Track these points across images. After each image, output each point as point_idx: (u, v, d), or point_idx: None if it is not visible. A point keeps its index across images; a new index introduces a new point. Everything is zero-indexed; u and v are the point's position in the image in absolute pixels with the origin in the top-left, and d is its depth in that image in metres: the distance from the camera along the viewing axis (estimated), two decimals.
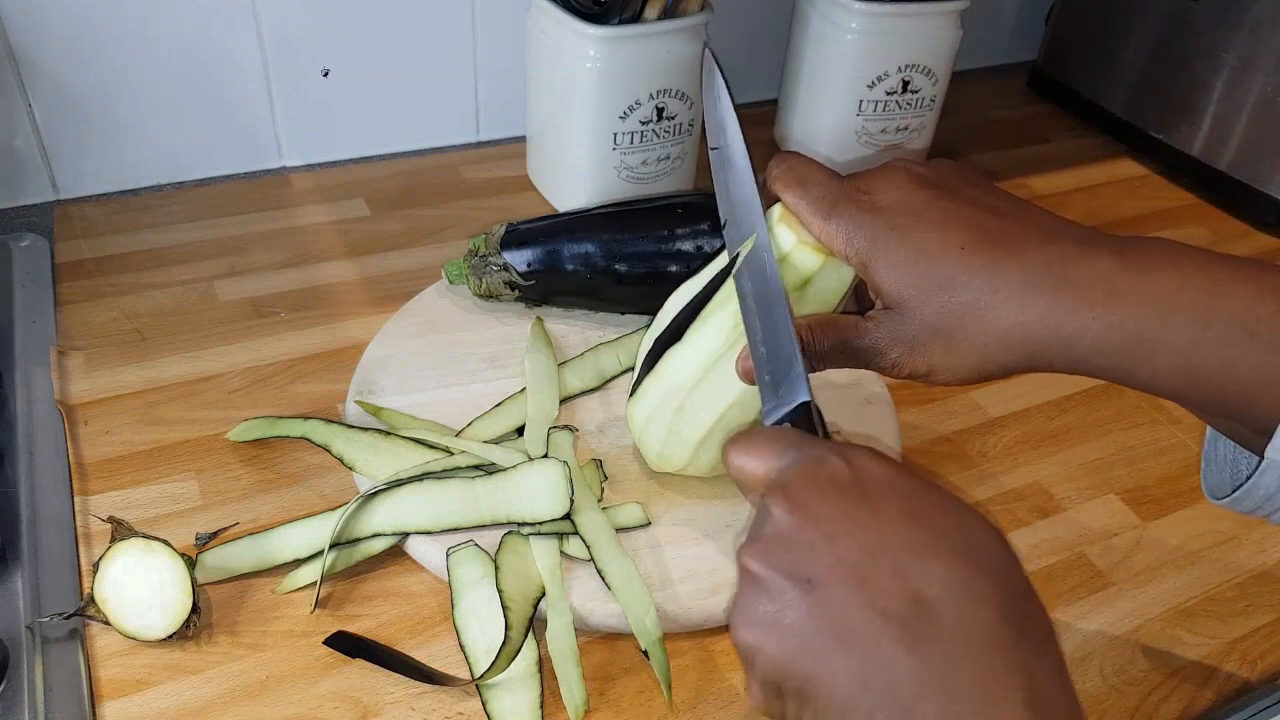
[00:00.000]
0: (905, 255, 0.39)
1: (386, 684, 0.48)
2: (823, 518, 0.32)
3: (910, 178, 0.41)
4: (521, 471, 0.54)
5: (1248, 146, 0.89)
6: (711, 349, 0.48)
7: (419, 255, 0.76)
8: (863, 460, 0.34)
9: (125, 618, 0.47)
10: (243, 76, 0.80)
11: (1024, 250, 0.38)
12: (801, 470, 0.34)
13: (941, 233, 0.39)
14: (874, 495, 0.33)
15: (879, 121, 0.86)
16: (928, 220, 0.40)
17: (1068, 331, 0.37)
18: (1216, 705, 0.50)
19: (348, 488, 0.57)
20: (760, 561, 0.33)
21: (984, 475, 0.62)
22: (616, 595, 0.50)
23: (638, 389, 0.53)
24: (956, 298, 0.38)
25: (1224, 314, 0.35)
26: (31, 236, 0.75)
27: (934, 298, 0.39)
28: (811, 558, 0.32)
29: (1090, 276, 0.37)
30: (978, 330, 0.38)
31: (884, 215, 0.40)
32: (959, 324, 0.38)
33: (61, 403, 0.61)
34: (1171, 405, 0.68)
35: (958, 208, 0.40)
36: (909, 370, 0.41)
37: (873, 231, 0.40)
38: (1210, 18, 0.89)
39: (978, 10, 0.91)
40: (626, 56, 0.72)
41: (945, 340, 0.39)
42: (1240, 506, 0.40)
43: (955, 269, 0.38)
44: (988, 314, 0.38)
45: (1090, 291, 0.37)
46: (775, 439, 0.37)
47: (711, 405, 0.49)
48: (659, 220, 0.66)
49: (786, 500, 0.33)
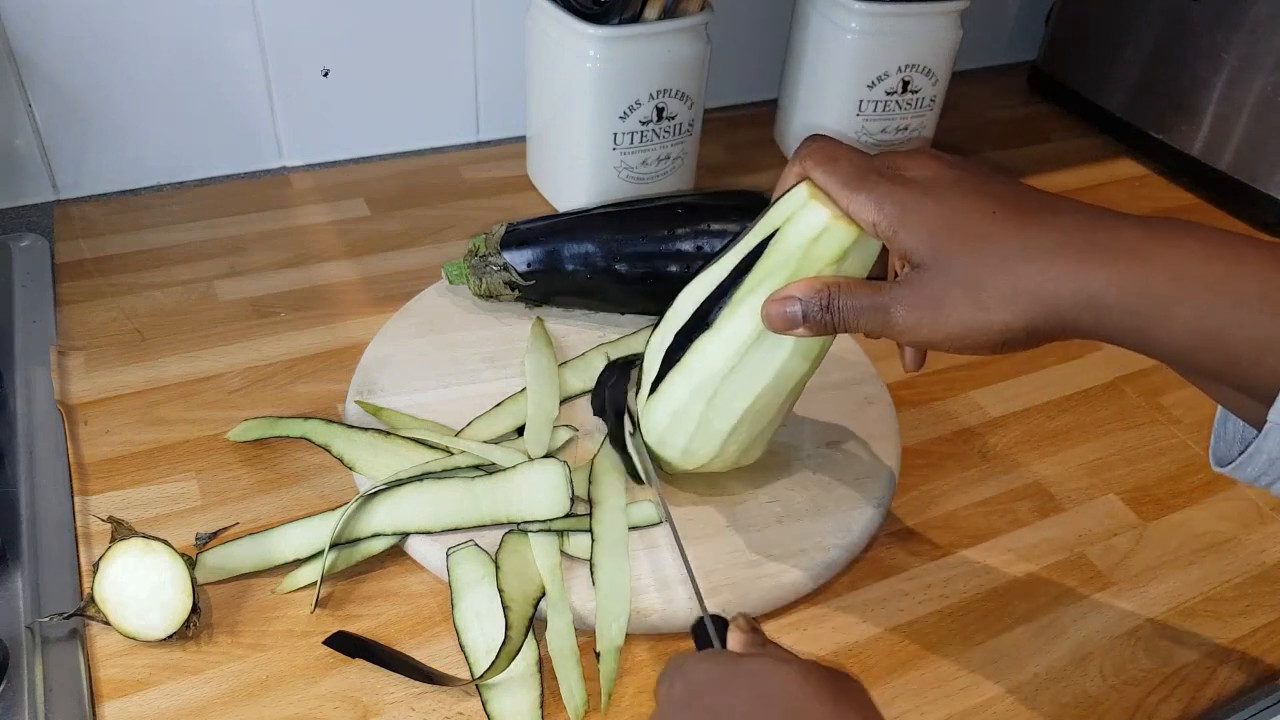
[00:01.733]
0: (939, 214, 0.41)
1: (386, 684, 0.48)
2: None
3: (939, 160, 0.43)
4: (521, 471, 0.54)
5: (1248, 146, 0.89)
6: (748, 332, 0.47)
7: (419, 255, 0.76)
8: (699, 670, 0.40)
9: (125, 618, 0.47)
10: (243, 76, 0.80)
11: (1052, 218, 0.40)
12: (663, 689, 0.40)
13: (975, 199, 0.41)
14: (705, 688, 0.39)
15: (879, 121, 0.86)
16: (961, 189, 0.41)
17: (1093, 289, 0.38)
18: (1216, 705, 0.50)
19: (348, 488, 0.57)
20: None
21: (984, 475, 0.62)
22: (597, 593, 0.50)
23: (659, 386, 0.51)
24: (987, 250, 0.39)
25: (1237, 280, 0.37)
26: (31, 236, 0.75)
27: (963, 252, 0.40)
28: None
29: (1116, 240, 0.39)
30: (1006, 283, 0.39)
31: (916, 186, 0.42)
32: (989, 276, 0.39)
33: (61, 403, 0.61)
34: (1172, 405, 0.68)
35: (987, 185, 0.42)
36: (931, 332, 0.41)
37: (904, 197, 0.41)
38: (1210, 18, 0.89)
39: (978, 10, 0.91)
40: (626, 56, 0.72)
41: (974, 294, 0.40)
42: (1243, 473, 0.41)
43: (986, 227, 0.40)
44: (1018, 268, 0.39)
45: (1115, 252, 0.38)
46: (669, 669, 0.41)
47: (746, 391, 0.49)
48: (659, 220, 0.66)
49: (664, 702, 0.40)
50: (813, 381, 0.51)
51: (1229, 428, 0.44)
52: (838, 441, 0.61)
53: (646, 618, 0.50)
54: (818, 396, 0.62)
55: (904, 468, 0.61)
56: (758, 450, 0.55)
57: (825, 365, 0.50)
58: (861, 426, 0.62)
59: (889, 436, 0.62)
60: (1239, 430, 0.44)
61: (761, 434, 0.53)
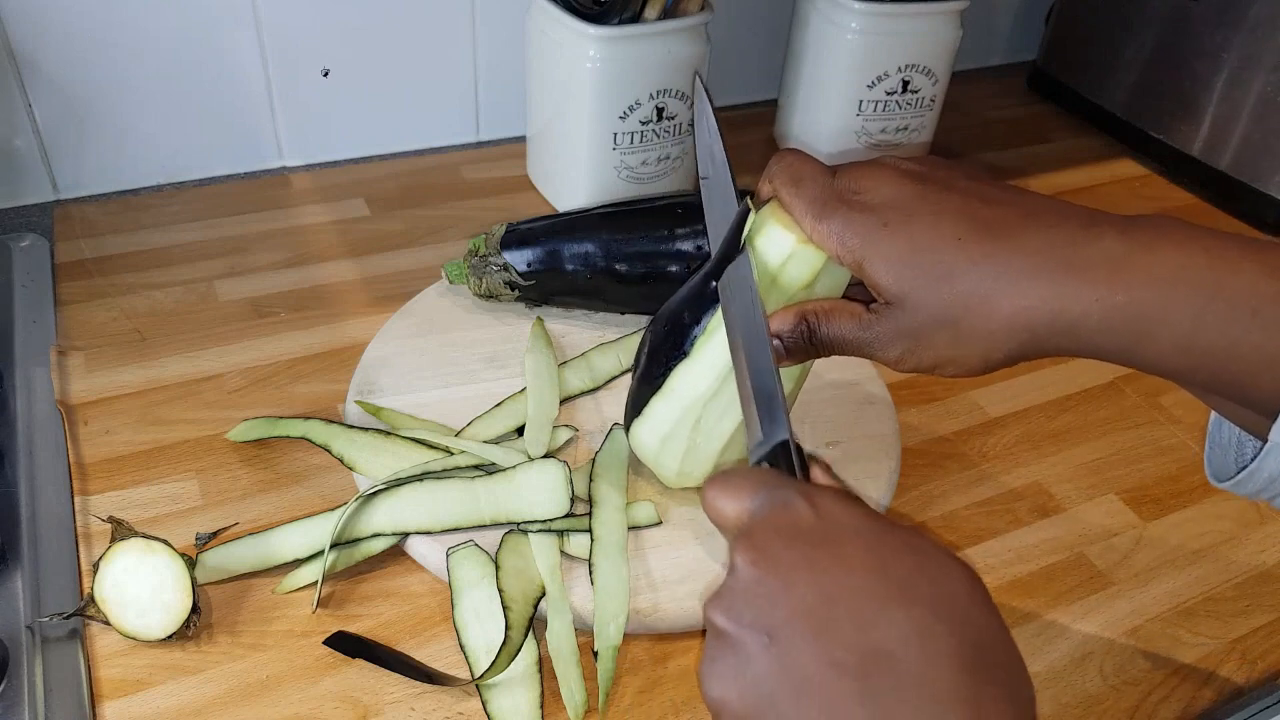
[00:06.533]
0: (899, 250, 0.39)
1: (386, 684, 0.48)
2: (784, 565, 0.32)
3: (899, 174, 0.41)
4: (521, 471, 0.54)
5: (1248, 146, 0.89)
6: (724, 360, 0.47)
7: (419, 255, 0.76)
8: (828, 503, 0.33)
9: (125, 618, 0.47)
10: (243, 76, 0.80)
11: (1024, 236, 0.38)
12: (767, 516, 0.34)
13: (936, 225, 0.39)
14: (837, 540, 0.32)
15: (879, 121, 0.86)
16: (920, 214, 0.39)
17: (1073, 315, 0.36)
18: (1216, 705, 0.50)
19: (348, 488, 0.57)
20: (724, 615, 0.32)
21: (984, 475, 0.62)
22: (595, 593, 0.50)
23: (645, 410, 0.51)
24: (957, 287, 0.38)
25: (1228, 292, 0.35)
26: (31, 236, 0.75)
27: (933, 290, 0.38)
28: (771, 609, 0.31)
29: (1094, 258, 0.36)
30: (981, 318, 0.38)
31: (875, 213, 0.40)
32: (963, 314, 0.38)
33: (61, 403, 0.61)
34: (1172, 405, 0.68)
35: (950, 199, 0.39)
36: (914, 364, 0.41)
37: (864, 230, 0.40)
38: (1210, 18, 0.89)
39: (978, 10, 0.91)
40: (626, 56, 0.72)
41: (950, 331, 0.38)
42: (1244, 490, 0.40)
43: (953, 259, 0.38)
44: (990, 301, 0.37)
45: (1094, 273, 0.36)
46: (749, 479, 0.36)
47: (729, 415, 0.49)
48: (659, 220, 0.66)
49: (750, 549, 0.33)
50: (812, 382, 0.51)
51: (1224, 432, 0.43)
52: (838, 441, 0.61)
53: (646, 618, 0.50)
54: (818, 396, 0.62)
55: (904, 468, 0.61)
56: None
57: (825, 365, 0.50)
58: (861, 426, 0.62)
59: (889, 436, 0.62)
60: (1234, 435, 0.43)
61: None
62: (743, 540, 0.33)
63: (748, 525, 0.34)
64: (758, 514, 0.34)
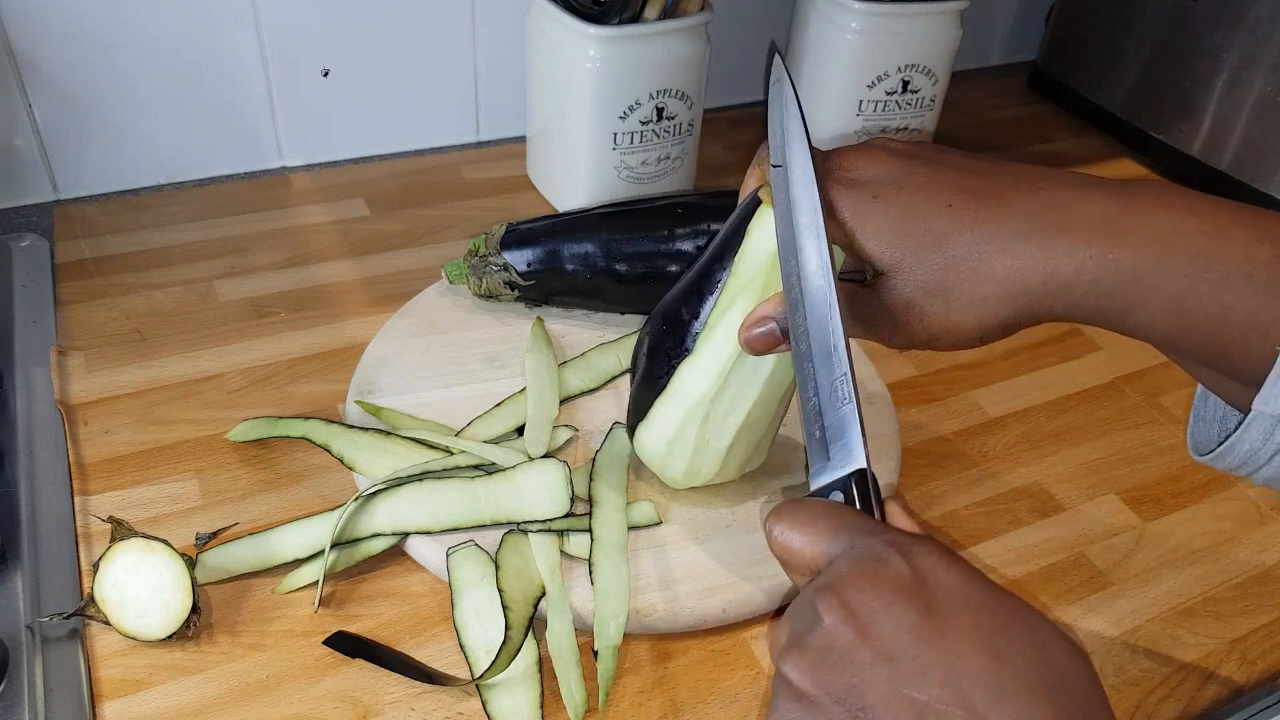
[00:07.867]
0: (890, 218, 0.39)
1: (386, 684, 0.48)
2: (883, 634, 0.29)
3: (890, 152, 0.41)
4: (521, 471, 0.54)
5: (1248, 146, 0.89)
6: (728, 353, 0.47)
7: (419, 255, 0.76)
8: (929, 563, 0.30)
9: (125, 618, 0.47)
10: (243, 76, 0.80)
11: (1015, 200, 0.38)
12: (858, 569, 0.30)
13: (927, 194, 0.39)
14: (942, 611, 0.29)
15: (879, 121, 0.86)
16: (911, 185, 0.39)
17: (1066, 274, 0.36)
18: (1216, 705, 0.50)
19: (348, 488, 0.57)
20: (808, 676, 0.29)
21: (984, 475, 0.62)
22: (595, 592, 0.50)
23: (650, 414, 0.51)
24: (949, 252, 0.38)
25: (1221, 256, 0.35)
26: (31, 236, 0.75)
27: (926, 256, 0.38)
28: (868, 682, 0.28)
29: (1087, 218, 0.36)
30: (975, 283, 0.37)
31: (866, 187, 0.40)
32: (955, 279, 0.38)
33: (61, 403, 0.61)
34: (1172, 405, 0.68)
35: (941, 172, 0.39)
36: (908, 338, 0.40)
37: (855, 203, 0.40)
38: (1210, 18, 0.89)
39: (978, 10, 0.91)
40: (626, 56, 0.72)
41: (943, 298, 0.38)
42: (1223, 463, 0.39)
43: (944, 225, 0.38)
44: (983, 264, 0.37)
45: (1087, 233, 0.36)
46: (826, 517, 0.33)
47: (738, 408, 0.49)
48: (659, 220, 0.66)
49: (840, 606, 0.30)
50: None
51: (1209, 405, 0.43)
52: None
53: (646, 618, 0.50)
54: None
55: (904, 467, 0.61)
56: (761, 456, 0.55)
57: None
58: None
59: (889, 436, 0.62)
60: (1219, 410, 0.42)
61: (761, 441, 0.53)
62: (827, 594, 0.30)
63: (831, 575, 0.31)
64: (841, 563, 0.31)
